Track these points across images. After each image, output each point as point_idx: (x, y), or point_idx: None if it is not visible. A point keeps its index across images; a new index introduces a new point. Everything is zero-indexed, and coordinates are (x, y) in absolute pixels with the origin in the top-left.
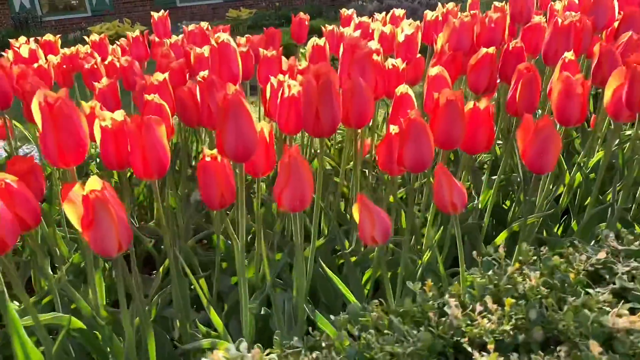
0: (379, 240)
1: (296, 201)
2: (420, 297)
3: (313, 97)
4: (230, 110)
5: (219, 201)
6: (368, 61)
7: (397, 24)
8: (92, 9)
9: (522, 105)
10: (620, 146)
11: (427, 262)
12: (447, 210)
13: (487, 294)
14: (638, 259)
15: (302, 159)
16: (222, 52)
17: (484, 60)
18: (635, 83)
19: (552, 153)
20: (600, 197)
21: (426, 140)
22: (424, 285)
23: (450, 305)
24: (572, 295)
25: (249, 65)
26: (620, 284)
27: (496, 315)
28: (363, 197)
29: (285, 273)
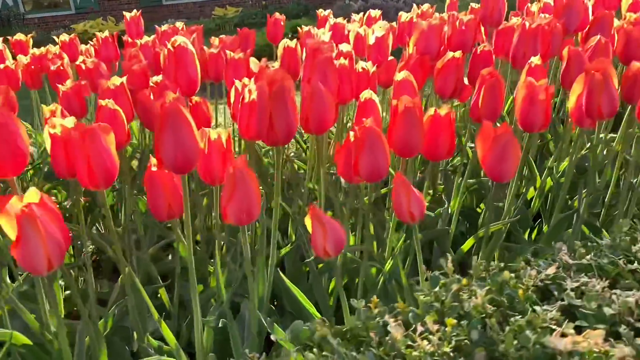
0: (331, 252)
1: (242, 214)
2: (364, 314)
3: (266, 105)
4: (168, 120)
5: (166, 212)
6: (329, 65)
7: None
8: (76, 7)
9: (485, 112)
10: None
11: (389, 271)
12: (405, 220)
13: (432, 312)
14: (589, 273)
15: (248, 170)
16: (178, 56)
17: (451, 65)
18: (593, 91)
19: (512, 160)
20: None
21: (381, 149)
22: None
23: (391, 325)
24: (520, 313)
25: (220, 67)
26: (567, 301)
27: (437, 336)
28: (314, 208)
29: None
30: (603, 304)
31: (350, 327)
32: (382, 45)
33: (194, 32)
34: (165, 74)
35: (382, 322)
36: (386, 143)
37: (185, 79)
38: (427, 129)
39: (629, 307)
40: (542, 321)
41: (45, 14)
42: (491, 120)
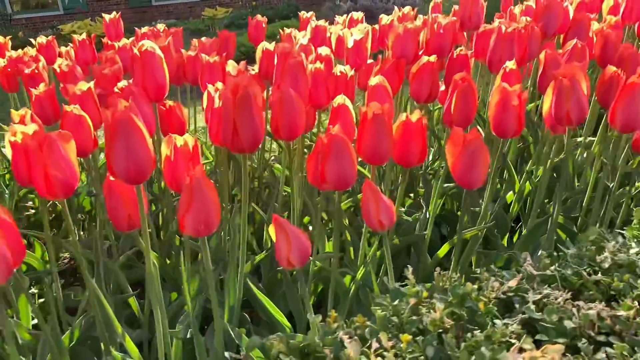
0: (295, 263)
1: (200, 225)
2: (322, 329)
3: (230, 112)
4: (118, 129)
5: (126, 222)
6: (300, 70)
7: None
8: (65, 7)
9: (457, 117)
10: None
11: (361, 278)
12: (375, 228)
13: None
14: (553, 284)
15: (206, 180)
16: (145, 61)
17: (425, 69)
18: (562, 96)
19: (481, 167)
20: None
21: (348, 157)
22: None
23: (345, 341)
24: (480, 326)
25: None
26: (528, 314)
27: (391, 353)
28: (278, 218)
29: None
30: (564, 316)
31: (307, 343)
32: (360, 48)
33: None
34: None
35: (340, 337)
36: (353, 151)
37: (152, 84)
38: (398, 135)
39: (590, 320)
40: (502, 335)
41: (33, 15)
42: (464, 125)
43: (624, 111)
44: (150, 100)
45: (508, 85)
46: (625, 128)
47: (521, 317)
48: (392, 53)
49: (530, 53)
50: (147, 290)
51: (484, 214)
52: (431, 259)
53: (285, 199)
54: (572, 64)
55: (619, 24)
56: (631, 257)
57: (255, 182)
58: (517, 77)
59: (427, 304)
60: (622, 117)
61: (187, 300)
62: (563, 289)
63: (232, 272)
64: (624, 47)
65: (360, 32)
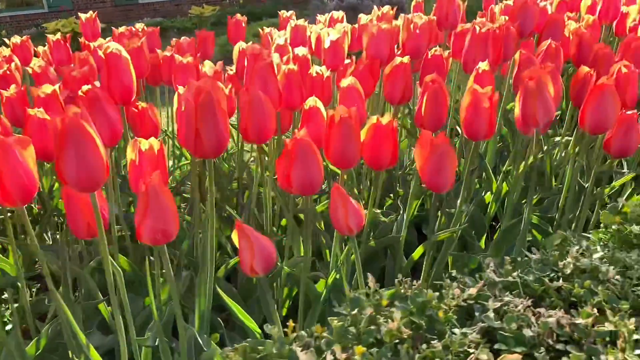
0: (259, 271)
1: (157, 234)
2: (279, 340)
3: (192, 116)
4: (68, 136)
5: (85, 230)
6: (269, 72)
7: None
8: (49, 5)
9: (427, 119)
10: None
11: (332, 283)
12: (343, 233)
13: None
14: (516, 291)
15: (162, 187)
16: (111, 63)
17: (399, 70)
18: (528, 99)
19: (448, 171)
20: None
21: (314, 161)
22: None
23: (299, 354)
24: (440, 335)
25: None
26: (487, 322)
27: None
28: (241, 225)
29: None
30: (523, 325)
31: (265, 354)
32: (337, 48)
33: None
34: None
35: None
36: (319, 155)
37: (119, 87)
38: (369, 138)
39: (550, 328)
40: (460, 345)
41: (18, 13)
42: (435, 127)
43: (593, 113)
44: (117, 103)
45: (480, 87)
46: (594, 129)
47: (481, 325)
48: (366, 54)
49: (506, 53)
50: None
51: (458, 215)
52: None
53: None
54: (536, 67)
55: (596, 23)
56: (594, 262)
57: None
58: (490, 78)
59: (387, 312)
60: (591, 118)
61: (152, 307)
62: (525, 296)
63: (202, 277)
64: (598, 47)
65: (337, 32)
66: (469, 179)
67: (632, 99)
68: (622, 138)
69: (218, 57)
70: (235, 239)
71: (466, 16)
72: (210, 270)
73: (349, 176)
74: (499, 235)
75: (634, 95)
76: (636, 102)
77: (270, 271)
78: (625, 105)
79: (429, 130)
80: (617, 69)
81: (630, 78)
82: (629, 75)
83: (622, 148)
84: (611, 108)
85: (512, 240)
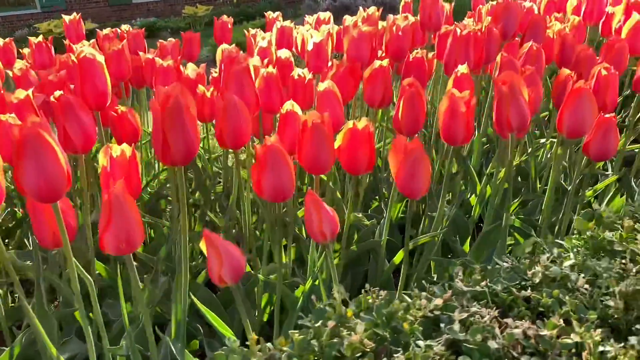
0: (227, 280)
1: (121, 243)
2: (241, 353)
3: (159, 124)
4: (27, 146)
5: (51, 240)
6: (245, 76)
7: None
8: (42, 5)
9: (404, 123)
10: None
11: (308, 290)
12: (317, 239)
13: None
14: (483, 301)
15: (126, 196)
16: (84, 68)
17: (378, 73)
18: (501, 103)
19: (422, 177)
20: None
21: (285, 168)
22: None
23: None
24: (405, 348)
25: None
26: (451, 335)
27: None
28: (208, 233)
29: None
30: (489, 336)
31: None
32: (320, 51)
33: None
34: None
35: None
36: (290, 162)
37: (92, 92)
38: (345, 143)
39: (516, 339)
40: (424, 358)
41: (10, 13)
42: (412, 131)
43: (570, 116)
44: (92, 108)
45: (459, 90)
46: (571, 133)
47: (446, 337)
48: (347, 57)
49: (489, 55)
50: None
51: (438, 219)
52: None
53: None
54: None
55: (582, 24)
56: (564, 270)
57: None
58: (469, 82)
59: (352, 324)
60: (569, 122)
61: (124, 315)
62: (494, 306)
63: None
64: (580, 48)
65: (320, 35)
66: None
67: (612, 102)
68: (600, 141)
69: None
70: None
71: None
72: (185, 277)
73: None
74: (478, 239)
75: (614, 98)
76: (616, 105)
77: (239, 280)
78: (606, 108)
79: (406, 134)
80: (597, 71)
81: (610, 80)
82: (609, 77)
83: (601, 151)
84: (588, 112)
85: (493, 244)
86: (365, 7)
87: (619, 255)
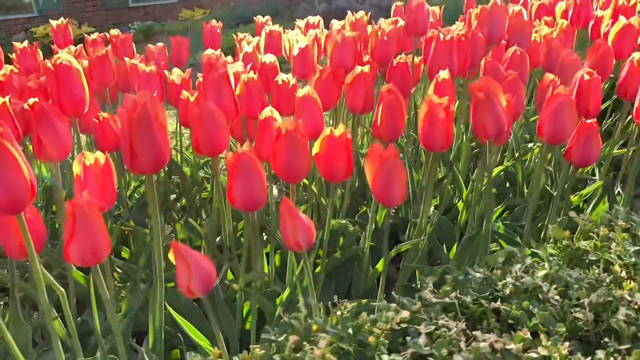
0: (196, 292)
1: (86, 255)
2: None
3: (127, 132)
4: None
5: (18, 251)
6: (224, 82)
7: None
8: (39, 9)
9: (384, 130)
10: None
11: (287, 299)
12: (293, 249)
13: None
14: (450, 313)
15: (91, 207)
16: (60, 75)
17: (360, 79)
18: (477, 110)
19: (398, 185)
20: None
21: (256, 177)
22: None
23: None
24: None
25: None
26: (414, 348)
27: None
28: (177, 244)
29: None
30: (455, 350)
31: None
32: (306, 56)
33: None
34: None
35: None
36: (262, 170)
37: (69, 99)
38: (323, 150)
39: (482, 353)
40: None
41: (7, 17)
42: (392, 138)
43: (550, 123)
44: (69, 115)
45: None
46: (551, 140)
47: (412, 351)
48: (330, 62)
49: (473, 60)
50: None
51: (420, 225)
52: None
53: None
54: (487, 77)
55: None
56: (536, 280)
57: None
58: (450, 87)
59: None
60: (548, 128)
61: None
62: (463, 318)
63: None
64: (565, 53)
65: (305, 40)
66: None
67: (595, 108)
68: (582, 147)
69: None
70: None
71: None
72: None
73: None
74: (459, 247)
75: (597, 104)
76: (599, 111)
77: (208, 292)
78: (588, 113)
79: (387, 140)
80: (579, 76)
81: (593, 86)
82: (591, 82)
83: (583, 157)
84: (568, 118)
85: (475, 251)
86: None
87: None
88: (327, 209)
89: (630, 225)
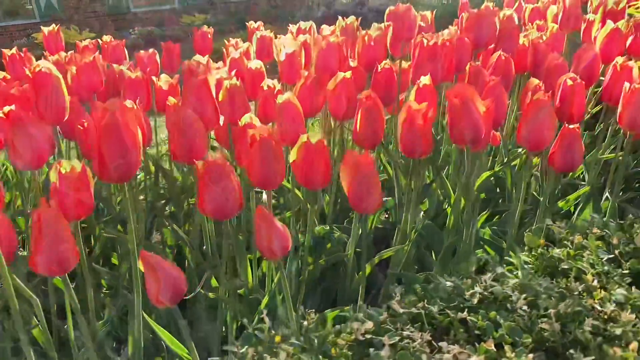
0: (166, 302)
1: (52, 265)
2: None
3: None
4: None
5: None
6: (204, 89)
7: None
8: (41, 15)
9: (363, 137)
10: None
11: (265, 306)
12: (268, 256)
13: None
14: (417, 324)
15: (58, 217)
16: (39, 83)
17: (342, 85)
18: (454, 116)
19: (373, 193)
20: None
21: (228, 186)
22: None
23: None
24: None
25: None
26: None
27: None
28: (146, 254)
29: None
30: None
31: None
32: (293, 62)
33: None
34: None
35: None
36: (235, 179)
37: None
38: (300, 157)
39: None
40: None
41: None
42: (370, 145)
43: (529, 129)
44: (50, 123)
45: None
46: (531, 146)
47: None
48: (315, 67)
49: (460, 65)
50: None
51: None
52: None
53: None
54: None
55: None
56: (506, 290)
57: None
58: (432, 93)
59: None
60: (528, 135)
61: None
62: (430, 328)
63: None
64: (552, 57)
65: (293, 45)
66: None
67: (579, 113)
68: (565, 153)
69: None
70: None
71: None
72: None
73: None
74: (442, 253)
75: (580, 109)
76: (583, 116)
77: (178, 302)
78: (572, 118)
79: (366, 147)
80: (563, 81)
81: (576, 91)
82: (575, 87)
83: (566, 163)
84: (547, 124)
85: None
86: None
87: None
88: (310, 215)
89: (605, 233)
